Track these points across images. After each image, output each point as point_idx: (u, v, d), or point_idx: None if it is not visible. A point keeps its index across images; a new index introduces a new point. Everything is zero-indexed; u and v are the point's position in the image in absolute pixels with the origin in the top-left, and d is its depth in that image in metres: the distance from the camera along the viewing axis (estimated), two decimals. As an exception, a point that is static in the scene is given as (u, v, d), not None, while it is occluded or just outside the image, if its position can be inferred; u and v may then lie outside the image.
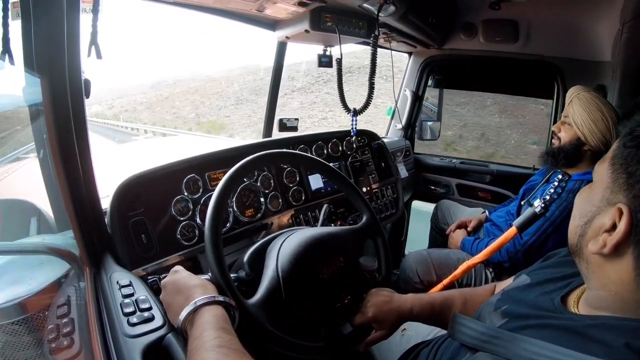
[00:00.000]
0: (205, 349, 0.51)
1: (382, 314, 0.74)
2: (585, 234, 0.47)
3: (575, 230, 0.50)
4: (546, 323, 0.48)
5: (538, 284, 0.59)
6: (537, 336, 0.46)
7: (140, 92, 19.86)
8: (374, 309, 0.74)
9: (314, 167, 1.03)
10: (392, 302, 0.76)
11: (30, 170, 0.97)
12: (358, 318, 0.75)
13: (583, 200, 0.50)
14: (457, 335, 0.56)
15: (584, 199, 0.50)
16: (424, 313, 0.76)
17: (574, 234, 0.50)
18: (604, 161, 0.48)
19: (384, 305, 0.75)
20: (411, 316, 0.76)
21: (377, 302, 0.75)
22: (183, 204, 0.96)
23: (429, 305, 0.77)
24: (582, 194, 0.51)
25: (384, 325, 0.75)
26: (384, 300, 0.76)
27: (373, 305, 0.75)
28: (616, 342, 0.40)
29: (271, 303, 0.67)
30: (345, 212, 1.35)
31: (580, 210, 0.50)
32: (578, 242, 0.49)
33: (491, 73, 2.11)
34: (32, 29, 0.61)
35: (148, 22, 14.27)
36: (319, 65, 1.37)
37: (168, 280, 0.66)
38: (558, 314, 0.50)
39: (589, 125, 1.18)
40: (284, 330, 0.65)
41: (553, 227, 1.19)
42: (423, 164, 2.17)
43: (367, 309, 0.75)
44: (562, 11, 1.64)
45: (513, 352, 0.46)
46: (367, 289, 0.80)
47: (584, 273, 0.50)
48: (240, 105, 14.66)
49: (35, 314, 0.70)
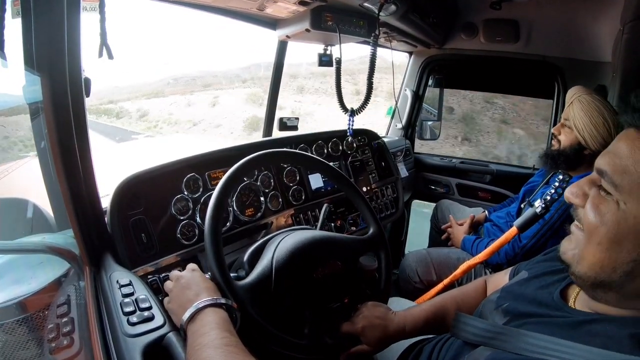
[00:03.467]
0: (213, 346, 0.51)
1: (371, 328, 0.73)
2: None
3: (614, 265, 0.42)
4: (546, 320, 0.49)
5: (536, 277, 0.59)
6: (538, 331, 0.46)
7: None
8: (365, 322, 0.74)
9: (317, 167, 1.03)
10: (384, 319, 0.75)
11: (30, 168, 0.97)
12: (346, 326, 0.75)
13: (630, 230, 0.41)
14: (461, 334, 0.57)
15: (630, 227, 0.41)
16: (418, 327, 0.76)
17: (610, 268, 0.42)
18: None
19: (375, 320, 0.74)
20: (404, 335, 0.75)
21: (369, 316, 0.75)
22: (183, 203, 0.96)
23: (423, 320, 0.76)
24: (626, 222, 0.41)
25: (370, 340, 0.74)
26: (377, 315, 0.75)
27: (365, 318, 0.74)
28: (619, 333, 0.40)
29: (258, 289, 0.68)
30: (345, 212, 1.35)
31: (629, 241, 0.41)
32: (620, 279, 0.42)
33: (492, 73, 2.11)
34: (32, 27, 0.60)
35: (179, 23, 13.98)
36: (319, 65, 1.36)
37: (184, 275, 0.68)
38: (558, 309, 0.50)
39: (590, 130, 1.16)
40: (268, 320, 0.65)
41: (552, 230, 1.19)
42: (423, 164, 2.18)
43: (357, 320, 0.75)
44: (563, 11, 1.64)
45: (519, 347, 0.46)
46: (365, 297, 0.80)
47: (603, 298, 0.45)
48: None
49: (35, 313, 0.70)
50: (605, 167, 0.44)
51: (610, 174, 0.43)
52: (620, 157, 0.43)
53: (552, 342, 0.43)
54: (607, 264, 0.43)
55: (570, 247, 0.48)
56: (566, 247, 0.49)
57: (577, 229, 0.48)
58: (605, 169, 0.44)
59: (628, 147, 0.43)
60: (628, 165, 0.42)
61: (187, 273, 0.68)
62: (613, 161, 0.43)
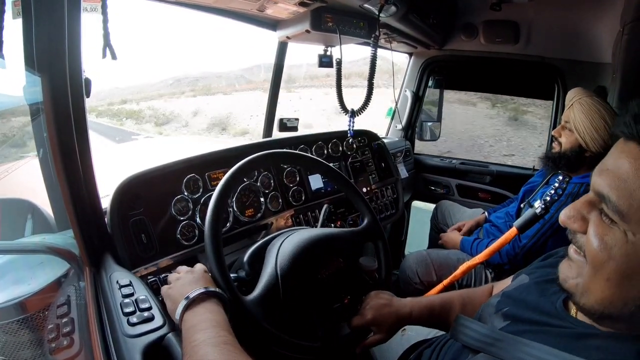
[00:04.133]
0: (211, 344, 0.51)
1: (381, 317, 0.74)
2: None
3: (625, 300, 0.39)
4: (548, 329, 0.48)
5: (537, 284, 0.58)
6: (538, 341, 0.45)
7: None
8: (373, 312, 0.74)
9: (315, 167, 1.03)
10: (392, 305, 0.75)
11: (30, 169, 0.97)
12: (356, 320, 0.75)
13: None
14: (460, 336, 0.56)
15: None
16: (423, 316, 0.76)
17: (621, 303, 0.39)
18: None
19: (383, 309, 0.74)
20: (410, 320, 0.75)
21: (376, 305, 0.75)
22: (183, 203, 0.96)
23: (428, 309, 0.76)
24: (637, 255, 0.37)
25: (382, 328, 0.74)
26: (384, 303, 0.75)
27: (372, 308, 0.75)
28: (624, 350, 0.39)
29: (269, 301, 0.67)
30: (345, 212, 1.35)
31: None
32: (631, 312, 0.39)
33: (491, 74, 2.11)
34: (33, 28, 0.61)
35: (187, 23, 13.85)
36: (320, 66, 1.36)
37: (192, 269, 0.69)
38: (560, 319, 0.49)
39: (590, 133, 1.16)
40: (281, 329, 0.65)
41: (552, 230, 1.19)
42: (423, 165, 2.18)
43: (366, 311, 0.75)
44: (562, 13, 1.64)
45: (516, 356, 0.45)
46: (367, 290, 0.80)
47: (611, 326, 0.43)
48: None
49: (35, 313, 0.70)
50: (608, 192, 0.39)
51: (614, 201, 0.38)
52: (623, 179, 0.38)
53: (551, 353, 0.42)
54: (618, 299, 0.39)
55: (571, 275, 0.45)
56: (566, 274, 0.46)
57: (577, 255, 0.44)
58: (608, 194, 0.39)
59: (632, 168, 0.38)
60: (634, 189, 0.37)
61: (192, 269, 0.70)
62: (616, 184, 0.39)
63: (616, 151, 0.41)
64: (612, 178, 0.39)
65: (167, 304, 0.64)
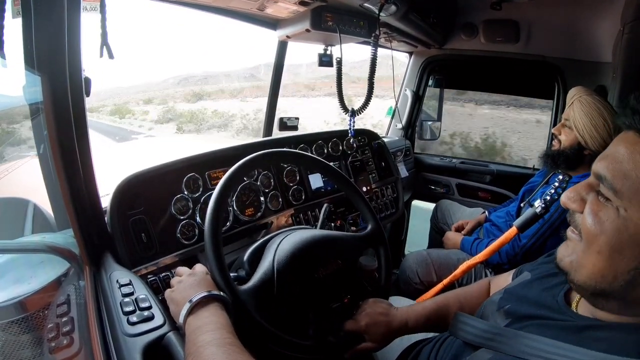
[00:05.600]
0: (216, 344, 0.52)
1: (375, 326, 0.73)
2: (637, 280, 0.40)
3: (615, 274, 0.41)
4: (549, 323, 0.48)
5: (539, 279, 0.58)
6: (539, 334, 0.45)
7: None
8: (368, 319, 0.74)
9: (317, 167, 1.03)
10: (387, 315, 0.75)
11: (30, 168, 0.97)
12: (350, 324, 0.75)
13: (631, 238, 0.40)
14: (460, 333, 0.56)
15: (631, 235, 0.40)
16: (420, 324, 0.76)
17: (611, 277, 0.41)
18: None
19: (378, 317, 0.74)
20: (406, 330, 0.75)
21: (372, 313, 0.75)
22: (183, 202, 0.96)
23: (425, 317, 0.76)
24: (627, 229, 0.40)
25: (375, 337, 0.74)
26: (380, 312, 0.75)
27: (367, 315, 0.74)
28: (625, 340, 0.40)
29: (262, 293, 0.67)
30: (345, 212, 1.35)
31: (630, 249, 0.40)
32: (621, 287, 0.41)
33: (492, 73, 2.11)
34: (32, 27, 0.60)
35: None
36: (320, 65, 1.36)
37: (193, 272, 0.69)
38: (561, 312, 0.49)
39: (590, 131, 1.17)
40: (273, 324, 0.65)
41: (551, 229, 1.19)
42: (423, 164, 2.18)
43: (360, 317, 0.75)
44: (563, 12, 1.64)
45: (517, 349, 0.46)
46: (366, 294, 0.80)
47: (605, 306, 0.44)
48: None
49: (35, 312, 0.70)
50: (604, 172, 0.42)
51: (609, 179, 0.42)
52: (619, 161, 0.42)
53: (553, 345, 0.43)
54: (608, 273, 0.42)
55: (567, 254, 0.47)
56: (563, 253, 0.48)
57: (574, 234, 0.47)
58: (604, 173, 0.42)
59: (628, 151, 0.41)
60: (628, 170, 0.40)
61: (193, 271, 0.70)
62: (612, 166, 0.42)
63: (616, 140, 0.44)
64: (609, 161, 0.43)
65: (171, 307, 0.64)
